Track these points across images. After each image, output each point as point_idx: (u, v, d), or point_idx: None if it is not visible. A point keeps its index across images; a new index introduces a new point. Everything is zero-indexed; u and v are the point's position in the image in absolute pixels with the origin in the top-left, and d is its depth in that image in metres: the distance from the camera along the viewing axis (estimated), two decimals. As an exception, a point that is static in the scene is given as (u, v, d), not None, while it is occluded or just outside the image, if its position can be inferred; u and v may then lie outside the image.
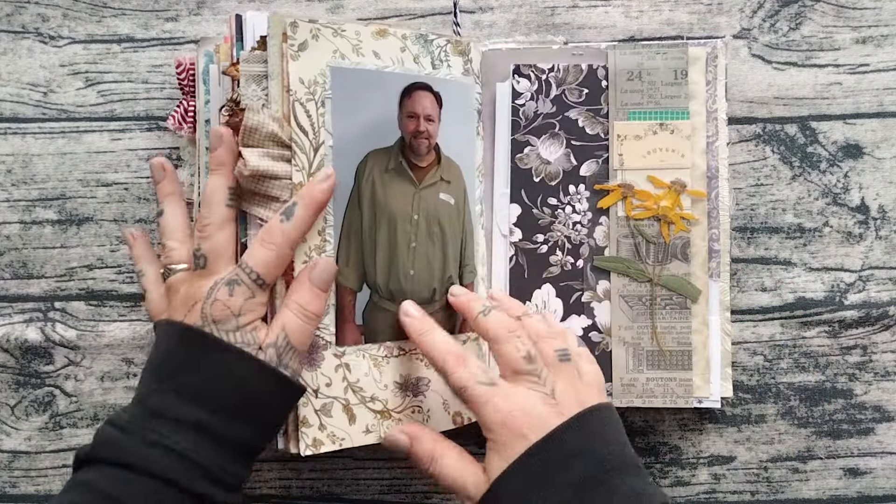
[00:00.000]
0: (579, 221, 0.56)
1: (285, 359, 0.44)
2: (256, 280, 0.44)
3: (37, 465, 0.60)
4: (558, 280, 0.56)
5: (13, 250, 0.59)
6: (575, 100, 0.56)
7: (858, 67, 0.60)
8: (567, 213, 0.56)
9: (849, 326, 0.60)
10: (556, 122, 0.56)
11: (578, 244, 0.56)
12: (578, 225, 0.56)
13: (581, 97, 0.56)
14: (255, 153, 0.45)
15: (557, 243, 0.56)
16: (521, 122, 0.56)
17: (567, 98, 0.56)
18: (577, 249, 0.56)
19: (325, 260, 0.46)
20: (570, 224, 0.56)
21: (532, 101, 0.56)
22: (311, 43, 0.47)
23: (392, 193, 0.51)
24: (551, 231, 0.56)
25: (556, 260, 0.56)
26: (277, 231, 0.45)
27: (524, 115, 0.56)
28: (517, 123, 0.56)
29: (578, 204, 0.56)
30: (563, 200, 0.56)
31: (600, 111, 0.56)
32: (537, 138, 0.56)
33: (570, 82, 0.56)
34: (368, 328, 0.50)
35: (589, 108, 0.56)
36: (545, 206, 0.56)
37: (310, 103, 0.47)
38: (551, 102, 0.56)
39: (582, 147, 0.56)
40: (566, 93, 0.56)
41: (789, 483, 0.60)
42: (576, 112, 0.56)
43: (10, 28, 0.59)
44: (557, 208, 0.56)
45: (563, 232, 0.56)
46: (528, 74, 0.56)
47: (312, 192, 0.46)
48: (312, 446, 0.47)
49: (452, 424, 0.52)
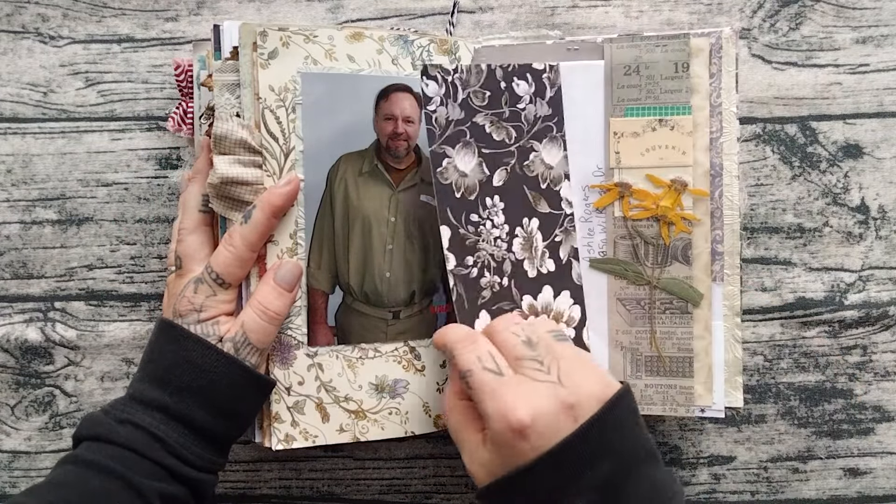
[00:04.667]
0: (499, 236, 0.52)
1: (243, 353, 0.46)
2: (216, 279, 0.47)
3: (37, 465, 0.60)
4: (490, 304, 0.51)
5: (13, 250, 0.60)
6: (479, 104, 0.52)
7: (858, 67, 0.60)
8: (488, 229, 0.51)
9: (849, 326, 0.60)
10: (466, 130, 0.51)
11: (501, 261, 0.52)
12: (499, 240, 0.51)
13: (484, 100, 0.52)
14: (226, 160, 0.47)
15: (485, 263, 0.51)
16: (436, 131, 0.51)
17: (472, 102, 0.52)
18: (500, 267, 0.51)
19: (290, 261, 0.49)
20: (492, 240, 0.51)
21: (443, 107, 0.51)
22: (280, 51, 0.49)
23: (367, 196, 0.51)
24: (477, 251, 0.51)
25: (486, 282, 0.51)
26: (237, 233, 0.47)
27: (437, 124, 0.51)
28: (433, 133, 0.50)
29: (496, 217, 0.51)
30: (483, 215, 0.51)
31: (502, 115, 0.52)
32: (452, 148, 0.51)
33: (473, 84, 0.52)
34: (341, 330, 0.51)
35: (493, 113, 0.52)
36: (469, 224, 0.51)
37: (280, 110, 0.49)
38: (459, 107, 0.51)
39: (491, 155, 0.52)
40: (471, 96, 0.52)
41: (789, 483, 0.60)
42: (482, 117, 0.52)
43: (10, 28, 0.59)
44: (479, 224, 0.51)
45: (487, 250, 0.51)
46: (434, 76, 0.51)
47: (271, 196, 0.48)
48: (284, 441, 0.49)
49: (434, 428, 0.53)
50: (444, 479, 0.61)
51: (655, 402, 0.54)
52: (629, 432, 0.42)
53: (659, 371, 0.54)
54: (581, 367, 0.43)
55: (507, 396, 0.41)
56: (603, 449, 0.40)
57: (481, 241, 0.51)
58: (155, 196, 0.60)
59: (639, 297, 0.54)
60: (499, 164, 0.52)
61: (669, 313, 0.54)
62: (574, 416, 0.41)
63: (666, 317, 0.54)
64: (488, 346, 0.45)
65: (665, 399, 0.54)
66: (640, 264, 0.54)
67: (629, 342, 0.54)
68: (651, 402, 0.54)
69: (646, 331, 0.54)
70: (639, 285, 0.54)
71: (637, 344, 0.54)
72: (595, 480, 0.40)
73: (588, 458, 0.40)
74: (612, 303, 0.54)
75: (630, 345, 0.54)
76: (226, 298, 0.48)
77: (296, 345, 0.50)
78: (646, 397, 0.54)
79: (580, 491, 0.40)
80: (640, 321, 0.54)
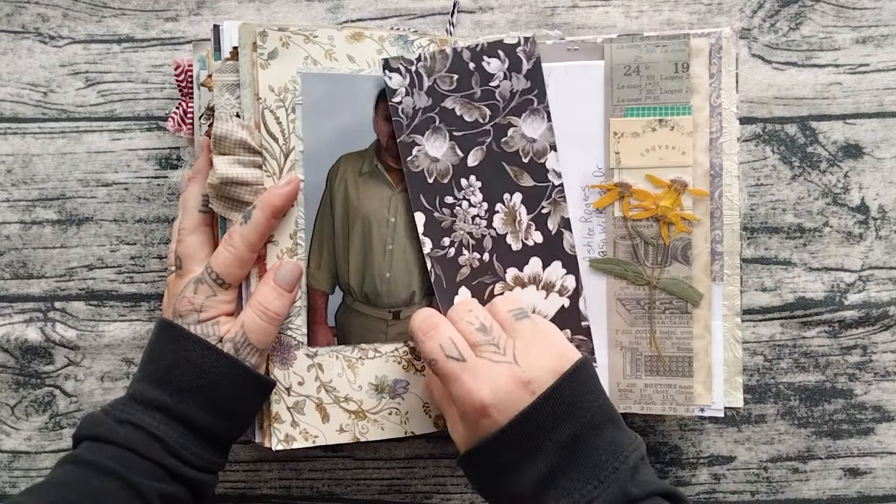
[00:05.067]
0: (477, 214, 0.53)
1: (242, 353, 0.46)
2: (216, 279, 0.47)
3: (37, 465, 0.60)
4: (470, 280, 0.53)
5: (13, 250, 0.60)
6: (447, 88, 0.52)
7: (858, 67, 0.60)
8: (465, 209, 0.53)
9: (849, 326, 0.60)
10: (435, 116, 0.52)
11: (481, 238, 0.53)
12: (477, 218, 0.53)
13: (452, 84, 0.52)
14: (226, 161, 0.47)
15: (462, 242, 0.53)
16: (403, 122, 0.52)
17: (440, 87, 0.52)
18: (480, 243, 0.53)
19: (290, 261, 0.49)
20: (469, 219, 0.53)
21: (408, 97, 0.52)
22: (280, 51, 0.49)
23: (366, 196, 0.51)
24: (454, 231, 0.53)
25: (465, 260, 0.53)
26: (237, 234, 0.47)
27: (404, 114, 0.52)
28: (399, 124, 0.52)
29: (473, 196, 0.53)
30: (458, 196, 0.53)
31: (473, 95, 0.53)
32: (422, 136, 0.52)
33: (439, 70, 0.52)
34: (341, 330, 0.51)
35: (462, 95, 0.53)
36: (444, 207, 0.53)
37: (280, 110, 0.49)
38: (426, 95, 0.52)
39: (465, 136, 0.53)
40: (437, 82, 0.52)
41: (789, 483, 0.60)
42: (451, 101, 0.53)
43: (10, 28, 0.59)
44: (455, 206, 0.53)
45: (464, 229, 0.53)
46: (397, 68, 0.52)
47: (271, 196, 0.48)
48: (284, 441, 0.49)
49: (434, 428, 0.53)
50: (444, 479, 0.61)
51: (655, 401, 0.54)
52: (585, 399, 0.45)
53: (659, 371, 0.54)
54: (537, 345, 0.46)
55: (468, 382, 0.44)
56: (560, 416, 0.44)
57: (458, 221, 0.53)
58: (155, 196, 0.60)
59: (638, 297, 0.54)
60: (473, 144, 0.53)
61: (669, 313, 0.54)
62: (531, 391, 0.44)
63: (665, 317, 0.54)
64: (450, 332, 0.47)
65: (665, 399, 0.54)
66: (640, 264, 0.54)
67: (629, 342, 0.54)
68: (651, 401, 0.54)
69: (645, 330, 0.54)
70: (638, 285, 0.54)
71: (637, 344, 0.54)
72: (555, 444, 0.43)
73: (546, 425, 0.43)
74: (611, 303, 0.54)
75: (630, 344, 0.54)
76: (226, 299, 0.48)
77: (296, 345, 0.50)
78: (645, 397, 0.54)
79: (541, 453, 0.43)
80: (639, 321, 0.54)
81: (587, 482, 0.43)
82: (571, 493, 0.42)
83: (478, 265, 0.53)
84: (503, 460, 0.44)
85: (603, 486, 0.42)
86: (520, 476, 0.44)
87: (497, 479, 0.45)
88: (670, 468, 0.60)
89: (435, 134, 0.52)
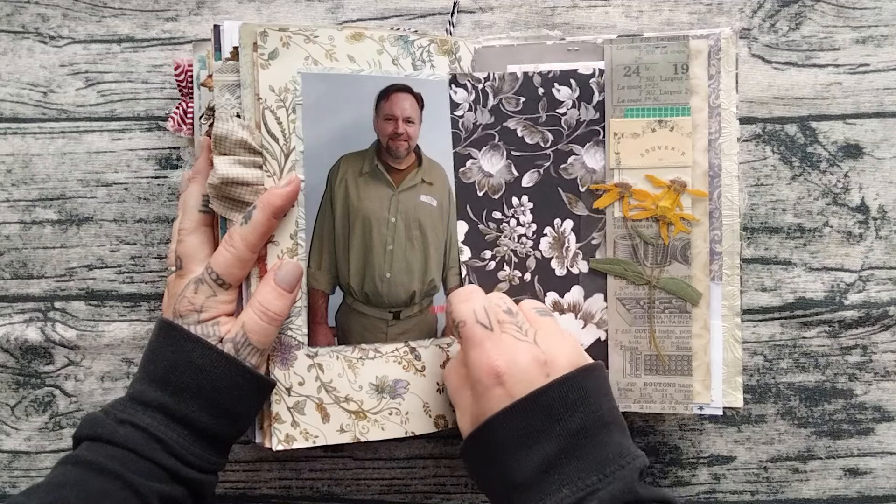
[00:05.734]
0: (524, 234, 0.54)
1: (243, 353, 0.47)
2: (217, 280, 0.47)
3: (37, 465, 0.60)
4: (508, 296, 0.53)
5: (13, 250, 0.60)
6: (512, 109, 0.54)
7: (858, 67, 0.60)
8: (512, 227, 0.54)
9: (849, 326, 0.60)
10: (495, 133, 0.54)
11: (525, 257, 0.54)
12: (524, 237, 0.54)
13: (518, 106, 0.54)
14: (226, 161, 0.47)
15: (504, 258, 0.54)
16: (462, 135, 0.54)
17: (504, 108, 0.54)
18: (523, 263, 0.54)
19: (291, 262, 0.49)
20: (516, 237, 0.54)
21: (470, 112, 0.54)
22: (281, 51, 0.49)
23: (367, 196, 0.51)
24: (497, 246, 0.54)
25: (505, 276, 0.54)
26: (237, 234, 0.47)
27: (464, 127, 0.54)
28: (458, 136, 0.54)
29: (522, 216, 0.54)
30: (508, 214, 0.54)
31: (538, 119, 0.54)
32: (478, 150, 0.54)
33: (506, 91, 0.54)
34: (341, 330, 0.51)
35: (527, 118, 0.54)
36: (490, 221, 0.54)
37: (280, 110, 0.49)
38: (489, 112, 0.54)
39: (523, 157, 0.54)
40: (503, 102, 0.54)
41: (789, 483, 0.60)
42: (514, 122, 0.54)
43: (10, 28, 0.59)
44: (502, 222, 0.54)
45: (508, 246, 0.54)
46: (464, 84, 0.54)
47: (271, 197, 0.48)
48: (284, 441, 0.49)
49: (434, 428, 0.53)
50: (444, 479, 0.61)
51: (654, 400, 0.54)
52: (598, 396, 0.45)
53: (658, 370, 0.54)
54: (557, 337, 0.48)
55: (490, 349, 0.45)
56: (572, 404, 0.44)
57: (503, 237, 0.54)
58: (155, 196, 0.60)
59: (638, 296, 0.54)
60: (530, 165, 0.54)
61: (668, 312, 0.54)
62: (546, 373, 0.45)
63: (665, 316, 0.54)
64: (484, 301, 0.48)
65: (664, 397, 0.54)
66: (640, 264, 0.54)
67: (628, 341, 0.54)
68: (650, 400, 0.54)
69: (645, 330, 0.54)
70: (638, 285, 0.54)
71: (636, 343, 0.54)
72: (566, 430, 0.43)
73: (557, 409, 0.44)
74: (611, 302, 0.55)
75: (629, 344, 0.54)
76: (226, 299, 0.48)
77: (296, 345, 0.50)
78: (645, 396, 0.54)
79: (548, 437, 0.43)
80: (639, 320, 0.54)
81: (592, 473, 0.42)
82: (574, 480, 0.42)
83: (518, 283, 0.54)
84: (509, 439, 0.44)
85: (607, 479, 0.42)
86: (523, 458, 0.43)
87: (499, 462, 0.44)
88: (670, 468, 0.60)
89: (492, 150, 0.54)
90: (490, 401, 0.45)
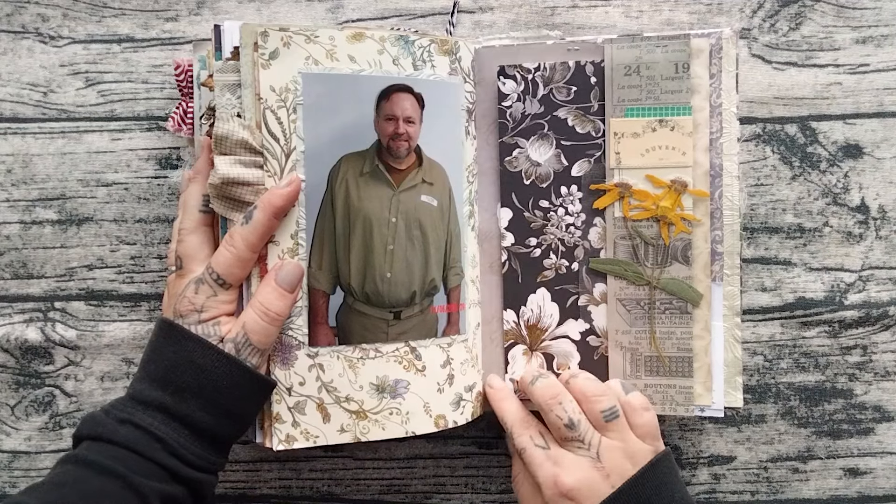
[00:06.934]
0: (573, 223, 0.55)
1: (243, 353, 0.47)
2: (217, 280, 0.47)
3: (37, 465, 0.60)
4: (553, 284, 0.55)
5: (13, 250, 0.60)
6: (563, 98, 0.54)
7: (858, 67, 0.60)
8: (560, 216, 0.55)
9: (849, 326, 0.60)
10: (544, 123, 0.55)
11: (573, 247, 0.55)
12: (572, 227, 0.55)
13: (570, 95, 0.54)
14: (227, 161, 0.47)
15: (551, 246, 0.55)
16: (509, 125, 0.55)
17: (555, 97, 0.54)
18: (571, 252, 0.55)
19: (291, 262, 0.49)
20: (564, 226, 0.55)
21: (519, 103, 0.55)
22: (282, 51, 0.49)
23: (367, 196, 0.51)
24: (544, 234, 0.55)
25: (551, 263, 0.55)
26: (237, 234, 0.47)
27: (511, 117, 0.55)
28: (504, 126, 0.55)
29: (571, 206, 0.54)
30: (556, 202, 0.55)
31: (590, 109, 0.54)
32: (526, 140, 0.55)
33: (557, 80, 0.54)
34: (342, 330, 0.51)
35: (578, 107, 0.54)
36: (536, 209, 0.55)
37: (281, 110, 0.49)
38: (539, 102, 0.54)
39: (573, 147, 0.54)
40: (554, 91, 0.54)
41: (789, 483, 0.60)
42: (564, 111, 0.54)
43: (10, 28, 0.59)
44: (549, 211, 0.55)
45: (556, 235, 0.55)
46: (513, 75, 0.54)
47: (272, 197, 0.48)
48: (285, 441, 0.49)
49: (435, 428, 0.53)
50: (444, 479, 0.61)
51: (655, 401, 0.54)
52: (666, 491, 0.49)
53: (658, 371, 0.54)
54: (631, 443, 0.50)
55: (554, 468, 0.49)
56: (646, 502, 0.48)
57: (550, 225, 0.55)
58: (155, 196, 0.60)
59: (638, 297, 0.54)
60: (580, 155, 0.55)
61: (669, 313, 0.54)
62: (611, 484, 0.49)
63: (665, 317, 0.54)
64: (539, 427, 0.52)
65: (665, 399, 0.54)
66: (640, 264, 0.54)
67: (629, 342, 0.54)
68: (651, 401, 0.54)
69: (645, 331, 0.54)
70: (638, 285, 0.54)
71: (637, 344, 0.54)
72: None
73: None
74: (612, 303, 0.54)
75: (630, 345, 0.54)
76: (227, 299, 0.48)
77: (297, 345, 0.50)
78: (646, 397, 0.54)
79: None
80: (639, 321, 0.54)
81: None
82: None
83: (564, 272, 0.55)
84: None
85: None
86: None
87: None
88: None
89: (541, 140, 0.54)
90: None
